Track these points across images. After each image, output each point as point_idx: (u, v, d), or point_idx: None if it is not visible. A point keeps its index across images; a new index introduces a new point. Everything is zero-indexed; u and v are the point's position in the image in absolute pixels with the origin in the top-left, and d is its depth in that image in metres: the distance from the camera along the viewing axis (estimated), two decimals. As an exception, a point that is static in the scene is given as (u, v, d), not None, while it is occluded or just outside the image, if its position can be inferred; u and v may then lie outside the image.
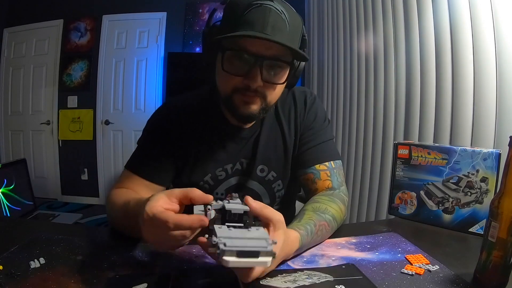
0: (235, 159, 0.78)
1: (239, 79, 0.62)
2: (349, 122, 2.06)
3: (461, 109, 1.17)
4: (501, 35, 1.02)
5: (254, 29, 0.57)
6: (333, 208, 0.66)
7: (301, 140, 0.79)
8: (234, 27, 0.59)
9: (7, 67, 3.37)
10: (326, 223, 0.62)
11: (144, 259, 0.57)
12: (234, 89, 0.64)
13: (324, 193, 0.73)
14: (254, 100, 0.64)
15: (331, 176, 0.76)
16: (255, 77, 0.61)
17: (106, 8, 3.26)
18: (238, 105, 0.65)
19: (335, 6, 2.23)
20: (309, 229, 0.58)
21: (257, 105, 0.65)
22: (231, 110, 0.69)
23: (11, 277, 0.48)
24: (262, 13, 0.58)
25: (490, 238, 0.50)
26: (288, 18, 0.60)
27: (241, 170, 0.79)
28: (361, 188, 1.85)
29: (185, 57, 3.19)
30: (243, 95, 0.64)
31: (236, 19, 0.59)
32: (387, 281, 0.51)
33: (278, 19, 0.59)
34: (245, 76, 0.61)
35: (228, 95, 0.65)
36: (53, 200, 3.43)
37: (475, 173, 0.73)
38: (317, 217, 0.62)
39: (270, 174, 0.80)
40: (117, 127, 3.33)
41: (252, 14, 0.58)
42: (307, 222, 0.59)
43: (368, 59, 1.84)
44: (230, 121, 0.76)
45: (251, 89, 0.62)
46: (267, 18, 0.58)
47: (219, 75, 0.67)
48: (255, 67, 0.60)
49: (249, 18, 0.58)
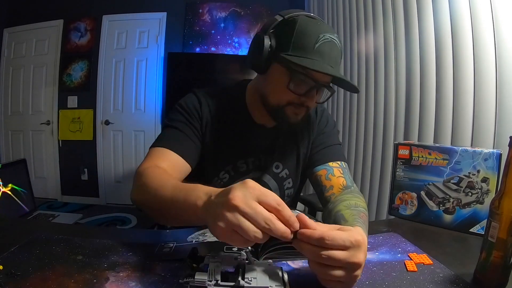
0: (255, 154, 0.84)
1: (296, 95, 0.71)
2: (349, 122, 2.06)
3: (461, 109, 1.17)
4: (501, 35, 1.02)
5: (324, 60, 0.67)
6: (360, 202, 0.68)
7: (313, 143, 0.87)
8: (305, 52, 0.67)
9: (7, 67, 3.36)
10: (364, 214, 0.63)
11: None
12: (289, 102, 0.72)
13: (345, 192, 0.76)
14: (302, 113, 0.75)
15: (344, 174, 0.80)
16: (312, 98, 0.72)
17: (106, 8, 3.25)
18: (290, 115, 0.74)
19: (335, 6, 2.23)
20: (360, 221, 0.57)
21: (302, 116, 0.75)
22: (278, 118, 0.76)
23: (11, 277, 0.48)
24: (330, 47, 0.68)
25: (490, 238, 0.50)
26: (341, 52, 0.71)
27: (259, 165, 0.85)
28: (361, 189, 1.85)
29: (185, 57, 3.18)
30: (296, 108, 0.73)
31: (308, 46, 0.67)
32: (387, 281, 0.51)
33: (338, 54, 0.70)
34: (303, 95, 0.71)
35: (281, 106, 0.73)
36: (53, 200, 3.43)
37: (476, 174, 0.73)
38: (355, 212, 0.62)
39: (284, 171, 0.87)
40: (117, 127, 3.33)
41: (323, 46, 0.67)
42: (353, 218, 0.58)
43: (368, 59, 1.84)
44: (254, 120, 0.83)
45: (304, 105, 0.72)
46: (333, 52, 0.68)
47: (275, 86, 0.73)
48: (313, 90, 0.71)
49: (320, 48, 0.67)
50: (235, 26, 3.24)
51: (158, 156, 0.71)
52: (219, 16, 3.25)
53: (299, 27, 0.68)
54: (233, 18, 3.25)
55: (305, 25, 0.68)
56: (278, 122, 0.79)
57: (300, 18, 0.69)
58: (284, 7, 0.93)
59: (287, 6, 3.03)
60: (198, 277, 0.43)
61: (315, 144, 0.86)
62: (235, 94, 0.85)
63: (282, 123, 0.77)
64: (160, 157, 0.71)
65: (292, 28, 0.68)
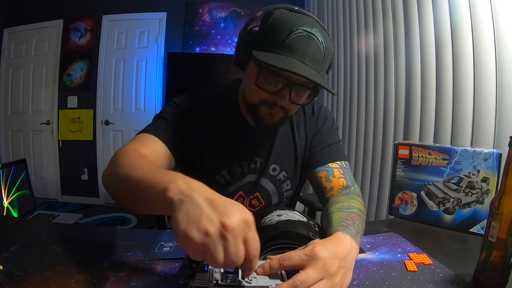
0: (251, 157, 0.82)
1: (268, 94, 0.67)
2: (349, 122, 2.06)
3: (461, 109, 1.17)
4: (501, 35, 1.02)
5: (295, 56, 0.61)
6: (355, 203, 0.67)
7: (311, 143, 0.84)
8: (274, 47, 0.62)
9: (7, 67, 3.36)
10: (356, 215, 0.61)
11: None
12: (262, 101, 0.69)
13: (341, 193, 0.74)
14: (278, 114, 0.70)
15: (344, 174, 0.78)
16: (284, 97, 0.66)
17: (106, 8, 3.25)
18: (263, 115, 0.71)
19: (335, 6, 2.23)
20: (346, 224, 0.56)
21: (279, 117, 0.71)
22: (254, 117, 0.73)
23: (11, 277, 0.48)
24: (304, 42, 0.61)
25: (490, 238, 0.50)
26: (325, 49, 0.64)
27: (255, 168, 0.83)
28: (361, 189, 1.85)
29: (185, 57, 3.18)
30: (269, 108, 0.69)
31: (278, 40, 0.62)
32: (387, 281, 0.51)
33: (317, 51, 0.63)
34: (274, 94, 0.66)
35: (255, 104, 0.70)
36: (53, 200, 3.43)
37: (476, 174, 0.73)
38: (345, 214, 0.61)
39: (281, 174, 0.84)
40: (117, 127, 3.33)
41: (295, 41, 0.61)
42: (339, 222, 0.57)
43: (368, 59, 1.84)
44: (248, 122, 0.80)
45: (278, 105, 0.68)
46: (308, 48, 0.61)
47: (249, 84, 0.70)
48: (286, 89, 0.65)
49: (291, 43, 0.61)
50: (235, 26, 3.24)
51: (142, 141, 0.68)
52: (219, 16, 3.25)
53: (273, 20, 0.64)
54: (233, 18, 3.25)
55: (279, 18, 0.63)
56: (256, 123, 0.75)
57: (277, 11, 0.65)
58: (284, 7, 0.92)
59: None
60: (199, 278, 0.43)
61: (314, 144, 0.83)
62: (228, 96, 0.82)
63: (259, 123, 0.73)
64: (144, 142, 0.68)
65: (267, 22, 0.65)
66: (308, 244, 0.47)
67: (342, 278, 0.45)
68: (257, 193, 0.84)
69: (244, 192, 0.83)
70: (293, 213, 0.62)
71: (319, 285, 0.42)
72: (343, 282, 0.45)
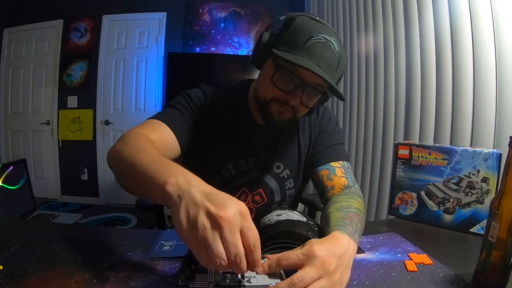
0: (257, 154, 0.84)
1: (281, 92, 0.69)
2: (349, 122, 2.06)
3: (461, 109, 1.17)
4: (501, 35, 1.02)
5: (312, 59, 0.65)
6: (354, 203, 0.67)
7: (315, 143, 0.86)
8: (294, 49, 0.66)
9: (7, 67, 3.36)
10: (354, 214, 0.62)
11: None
12: (273, 98, 0.71)
13: (342, 192, 0.76)
14: (287, 113, 0.73)
15: (346, 174, 0.80)
16: (296, 97, 0.69)
17: (106, 8, 3.25)
18: (273, 112, 0.73)
19: (335, 6, 2.23)
20: (344, 223, 0.56)
21: (287, 116, 0.74)
22: (264, 114, 0.76)
23: (11, 277, 0.48)
24: (322, 48, 0.65)
25: (490, 238, 0.50)
26: (340, 58, 0.68)
27: (260, 165, 0.85)
28: (361, 188, 1.85)
29: (185, 57, 3.18)
30: (280, 106, 0.72)
31: (298, 43, 0.66)
32: (387, 281, 0.51)
33: (333, 58, 0.67)
34: (287, 93, 0.69)
35: (266, 101, 0.73)
36: (53, 200, 3.43)
37: (476, 174, 0.73)
38: (343, 214, 0.61)
39: (285, 171, 0.87)
40: (117, 127, 3.33)
41: (314, 45, 0.65)
42: (336, 221, 0.57)
43: (368, 59, 1.84)
44: (255, 120, 0.82)
45: (289, 104, 0.70)
46: (325, 54, 0.65)
47: (263, 81, 0.73)
48: (299, 89, 0.68)
49: (310, 47, 0.65)
50: (235, 26, 3.24)
51: (151, 127, 0.69)
52: (219, 16, 3.25)
53: (295, 25, 0.67)
54: (233, 18, 3.25)
55: (301, 23, 0.67)
56: (265, 120, 0.77)
57: (299, 17, 0.68)
58: (284, 7, 0.93)
59: (287, 6, 3.03)
60: (199, 279, 0.43)
61: (317, 144, 0.86)
62: (238, 94, 0.85)
63: (268, 120, 0.76)
64: (153, 128, 0.69)
65: (289, 26, 0.68)
66: (306, 244, 0.47)
67: (341, 276, 0.45)
68: (260, 189, 0.86)
69: (247, 188, 0.85)
70: (293, 213, 0.62)
71: (319, 284, 0.42)
72: (342, 280, 0.45)
